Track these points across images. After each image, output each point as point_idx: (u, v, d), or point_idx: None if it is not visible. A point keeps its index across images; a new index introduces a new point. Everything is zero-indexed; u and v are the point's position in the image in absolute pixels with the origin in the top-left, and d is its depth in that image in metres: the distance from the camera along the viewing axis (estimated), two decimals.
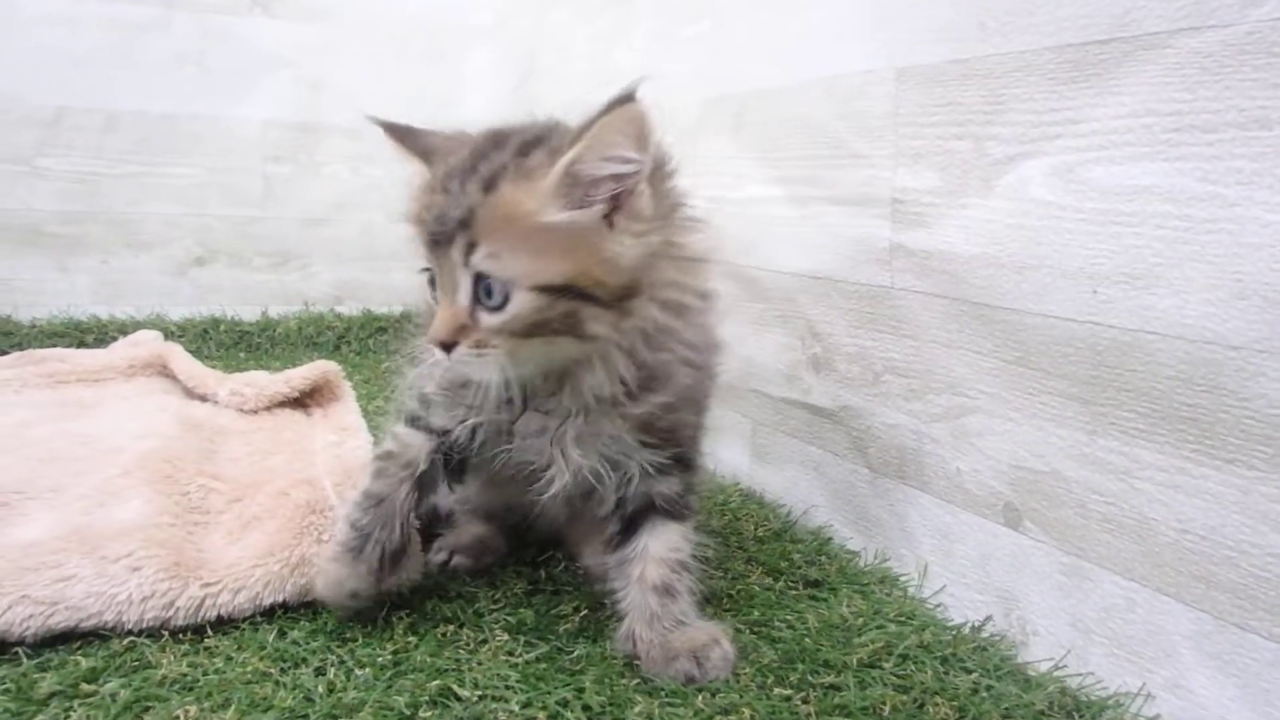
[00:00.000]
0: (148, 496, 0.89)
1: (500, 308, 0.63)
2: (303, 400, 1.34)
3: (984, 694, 0.68)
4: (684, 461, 0.75)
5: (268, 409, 1.28)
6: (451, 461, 0.77)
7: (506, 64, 1.95)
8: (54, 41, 1.73)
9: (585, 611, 0.79)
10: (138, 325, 1.77)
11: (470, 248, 0.63)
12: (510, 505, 0.86)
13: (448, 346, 0.65)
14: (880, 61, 0.86)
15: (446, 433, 0.75)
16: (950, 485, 0.83)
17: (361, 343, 1.90)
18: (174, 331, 1.79)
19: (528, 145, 0.67)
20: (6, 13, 1.70)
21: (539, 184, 0.63)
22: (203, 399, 1.32)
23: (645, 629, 0.71)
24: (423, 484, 0.76)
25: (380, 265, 2.00)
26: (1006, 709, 0.66)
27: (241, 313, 1.89)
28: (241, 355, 1.79)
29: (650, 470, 0.73)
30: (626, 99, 0.62)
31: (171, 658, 0.70)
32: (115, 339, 1.73)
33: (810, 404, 1.00)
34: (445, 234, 0.64)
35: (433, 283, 0.68)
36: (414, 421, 0.77)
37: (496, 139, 0.69)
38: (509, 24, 1.96)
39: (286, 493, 0.88)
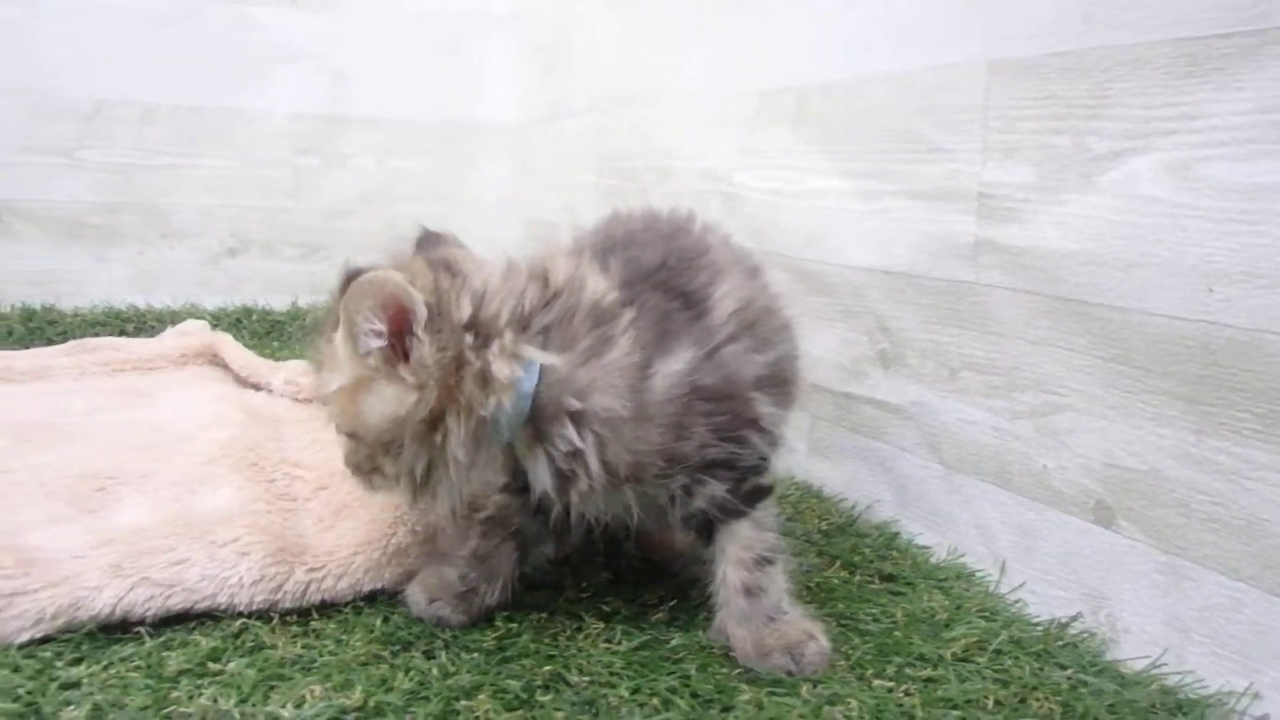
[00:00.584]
0: (238, 484, 0.90)
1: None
2: None
3: (1082, 690, 0.68)
4: (715, 465, 0.70)
5: None
6: (550, 517, 0.75)
7: (527, 55, 1.94)
8: (91, 36, 1.74)
9: (673, 602, 0.79)
10: (174, 314, 1.79)
11: (320, 398, 0.74)
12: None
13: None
14: (970, 54, 0.86)
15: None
16: (1034, 482, 0.83)
17: None
18: (209, 321, 1.79)
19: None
20: (46, 9, 1.71)
21: (331, 353, 0.70)
22: (256, 387, 1.32)
23: (737, 627, 0.71)
24: (523, 543, 0.77)
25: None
26: (1110, 705, 0.66)
27: (272, 302, 1.90)
28: (275, 344, 1.79)
29: (678, 494, 0.71)
30: (353, 276, 0.68)
31: (284, 639, 0.71)
32: (154, 327, 1.75)
33: (876, 399, 1.00)
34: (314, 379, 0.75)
35: None
36: (505, 487, 0.78)
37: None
38: (529, 14, 1.95)
39: None
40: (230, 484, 0.92)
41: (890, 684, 0.67)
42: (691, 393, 0.69)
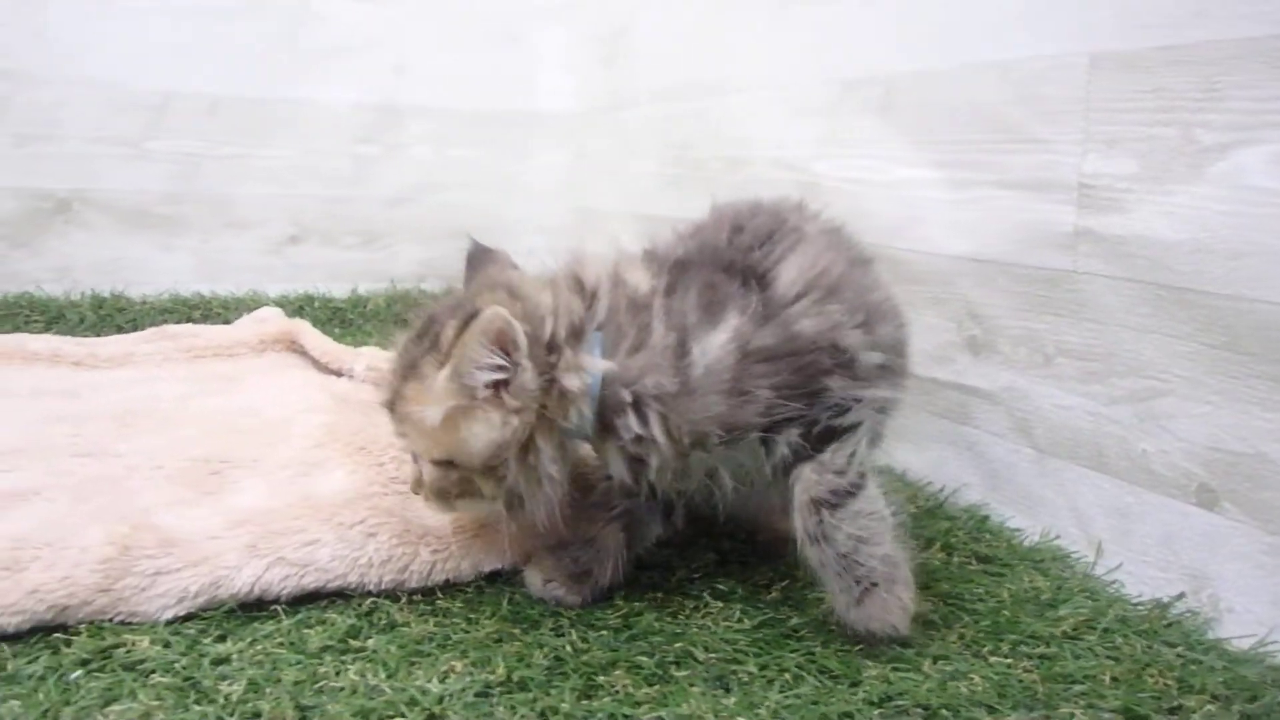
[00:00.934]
0: (349, 468, 0.94)
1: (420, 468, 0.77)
2: None
3: (1194, 666, 0.70)
4: (787, 421, 0.72)
5: None
6: (656, 500, 0.80)
7: (584, 45, 1.95)
8: (160, 31, 1.78)
9: (784, 582, 0.81)
10: (239, 302, 1.83)
11: (400, 431, 0.76)
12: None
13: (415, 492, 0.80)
14: (1071, 47, 0.87)
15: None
16: (1133, 466, 0.84)
17: None
18: (274, 308, 1.83)
19: (428, 334, 0.76)
20: (118, 4, 1.75)
21: (427, 386, 0.72)
22: (336, 374, 1.35)
23: (828, 578, 0.72)
24: (630, 526, 0.80)
25: (461, 244, 2.02)
26: (1222, 681, 0.68)
27: (332, 289, 1.93)
28: (336, 331, 1.82)
29: (760, 450, 0.73)
30: (474, 314, 0.70)
31: (414, 618, 0.74)
32: (220, 314, 1.79)
33: (964, 385, 1.02)
34: (382, 401, 0.78)
35: None
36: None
37: (428, 323, 0.77)
38: (585, 5, 1.96)
39: None
40: (341, 468, 0.95)
41: (1008, 661, 0.70)
42: (745, 357, 0.71)
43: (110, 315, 1.73)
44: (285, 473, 0.95)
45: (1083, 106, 0.86)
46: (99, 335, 1.65)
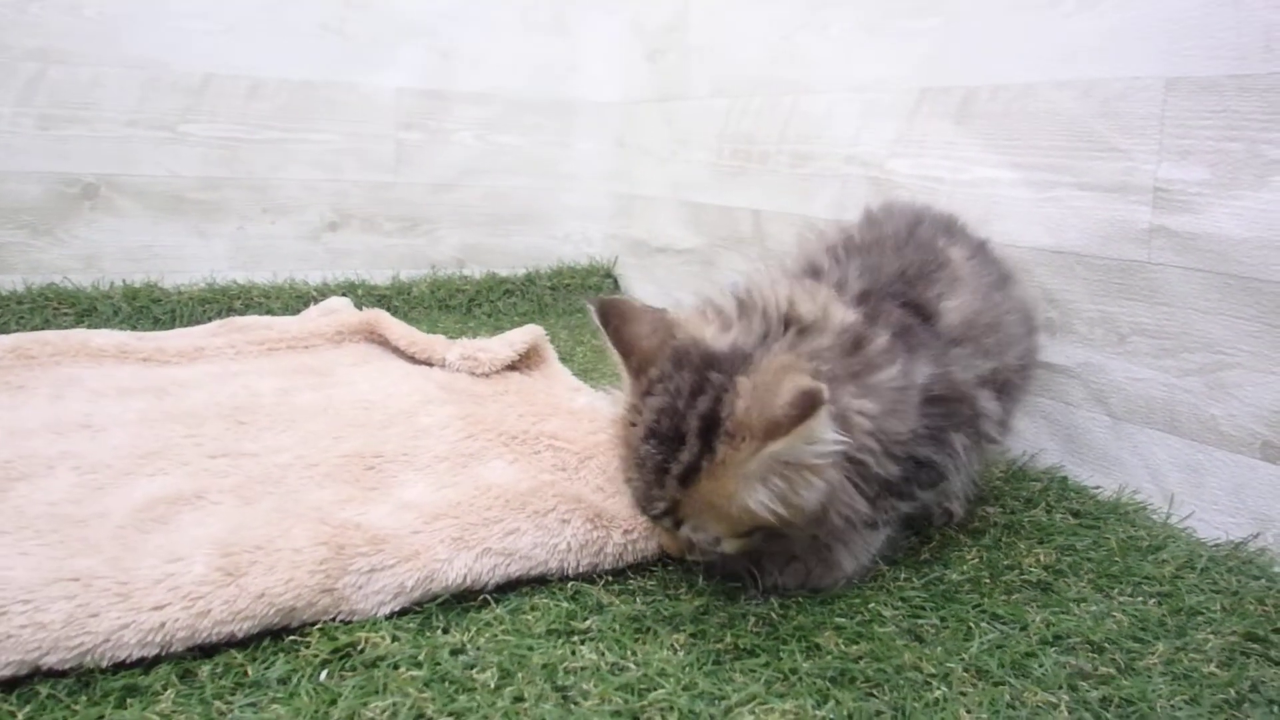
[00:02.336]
0: (509, 458, 0.98)
1: (715, 546, 0.76)
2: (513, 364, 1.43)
3: (1277, 594, 0.85)
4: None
5: (498, 372, 1.36)
6: None
7: (633, 36, 2.00)
8: (204, 9, 1.72)
9: (932, 544, 0.93)
10: (278, 290, 1.81)
11: (678, 523, 0.74)
12: None
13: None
14: (1148, 70, 1.00)
15: None
16: (1203, 428, 0.99)
17: (492, 304, 1.97)
18: (314, 295, 1.83)
19: (717, 412, 0.70)
20: None
21: (735, 469, 0.69)
22: (427, 363, 1.38)
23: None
24: None
25: (502, 229, 2.06)
26: None
27: (372, 276, 1.93)
28: None
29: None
30: (815, 402, 0.65)
31: (619, 599, 0.80)
32: (260, 304, 1.77)
33: (1040, 362, 1.16)
34: (653, 513, 0.75)
35: None
36: None
37: (695, 381, 0.72)
38: None
39: None
40: (501, 458, 0.99)
41: (1136, 600, 0.84)
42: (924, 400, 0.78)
43: (146, 307, 1.69)
44: (444, 465, 0.98)
45: (1158, 122, 0.99)
46: (134, 328, 1.62)
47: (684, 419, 0.71)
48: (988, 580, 0.86)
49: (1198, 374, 0.99)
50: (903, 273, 0.85)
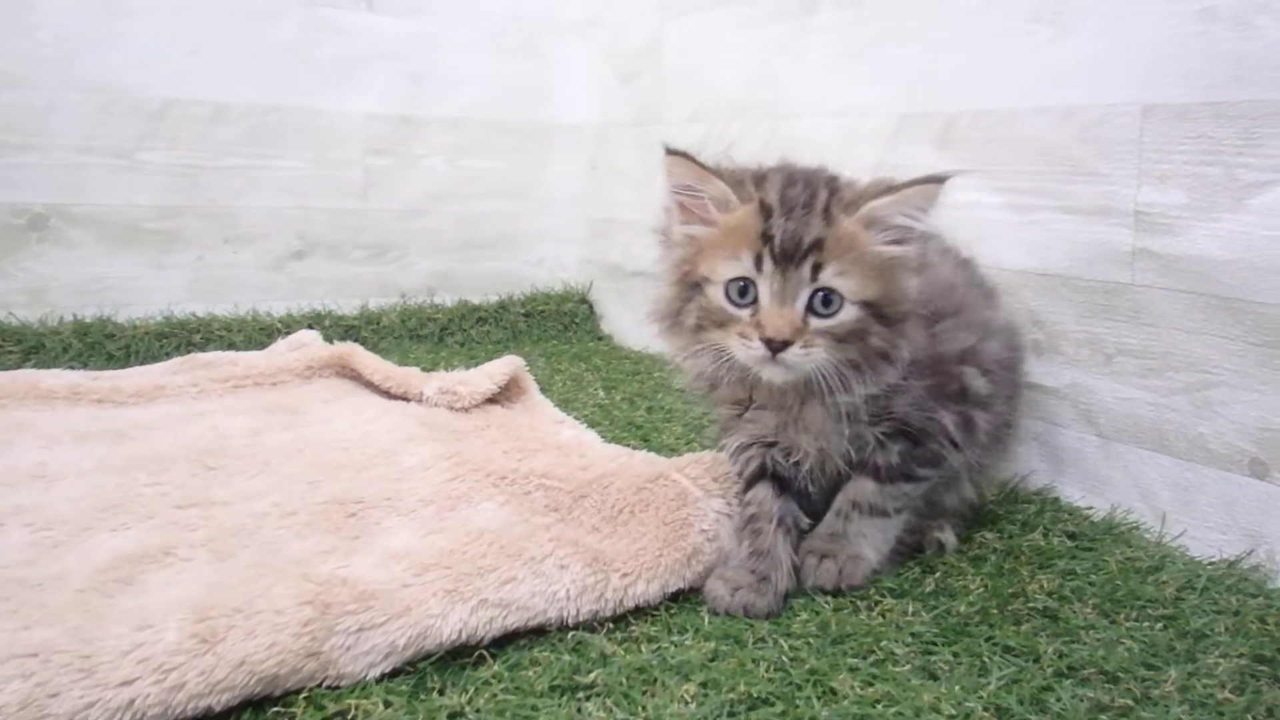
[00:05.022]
0: (499, 500, 0.95)
1: (831, 315, 0.81)
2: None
3: (1276, 612, 0.86)
4: (907, 431, 0.88)
5: (478, 406, 1.33)
6: (792, 489, 0.92)
7: (606, 61, 1.99)
8: (166, 31, 1.66)
9: (937, 574, 0.92)
10: (240, 322, 1.75)
11: (818, 267, 0.80)
12: None
13: (780, 345, 0.80)
14: (1125, 97, 1.02)
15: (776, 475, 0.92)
16: (1191, 446, 1.00)
17: (464, 333, 1.93)
18: (279, 327, 1.77)
19: (833, 183, 0.86)
20: (121, 3, 1.63)
21: (863, 219, 0.82)
22: (403, 398, 1.34)
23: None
24: (784, 523, 0.90)
25: (474, 255, 2.03)
26: None
27: (339, 305, 1.88)
28: None
29: (874, 444, 0.89)
30: (937, 179, 0.82)
31: (622, 648, 0.77)
32: (221, 337, 1.71)
33: (1028, 383, 1.16)
34: (797, 253, 0.80)
35: (742, 292, 0.81)
36: (751, 481, 0.92)
37: (803, 176, 0.87)
38: (604, 22, 2.00)
39: (645, 487, 0.95)
40: (491, 499, 0.96)
41: (1142, 625, 0.83)
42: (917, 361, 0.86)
43: (99, 343, 1.61)
44: (430, 509, 0.94)
45: (1137, 147, 1.01)
46: (86, 366, 1.56)
47: (810, 184, 0.85)
48: (995, 611, 0.86)
49: (1184, 393, 1.01)
50: None
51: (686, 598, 0.87)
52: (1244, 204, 0.93)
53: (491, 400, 1.37)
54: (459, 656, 0.75)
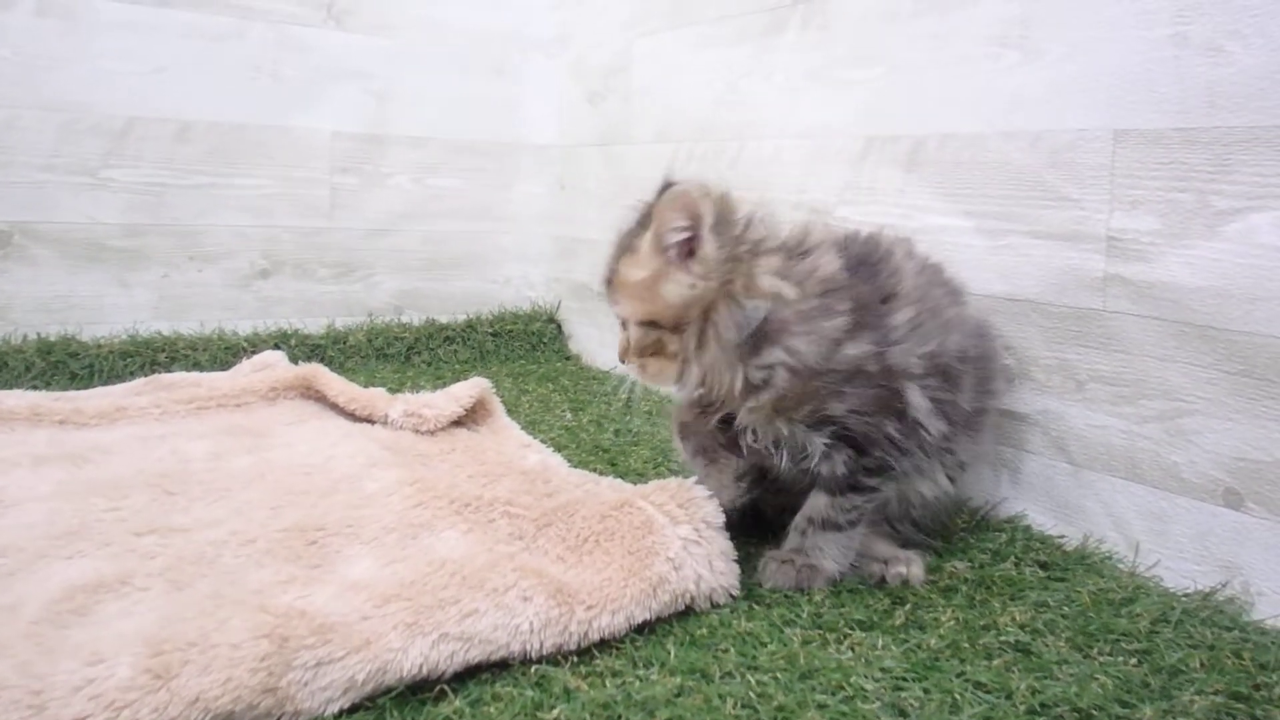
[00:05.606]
0: (462, 528, 0.92)
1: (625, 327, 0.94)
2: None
3: (1252, 646, 0.85)
4: (851, 439, 0.91)
5: (444, 429, 1.30)
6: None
7: (573, 80, 1.98)
8: (130, 49, 1.65)
9: (906, 606, 0.90)
10: (205, 341, 1.72)
11: (614, 301, 0.94)
12: None
13: (622, 360, 0.95)
14: (1096, 122, 1.01)
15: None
16: (1165, 475, 0.99)
17: (431, 352, 1.90)
18: (244, 345, 1.74)
19: (643, 219, 0.93)
20: (84, 19, 1.61)
21: (636, 255, 0.91)
22: (368, 420, 1.32)
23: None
24: (741, 472, 0.99)
25: (441, 274, 2.01)
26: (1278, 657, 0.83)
27: (306, 325, 1.85)
28: None
29: (818, 452, 0.91)
30: (669, 185, 0.92)
31: (586, 682, 0.74)
32: (187, 356, 1.68)
33: (999, 409, 1.15)
34: (607, 289, 0.95)
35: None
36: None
37: (645, 213, 0.94)
38: (573, 40, 1.99)
39: (610, 515, 0.92)
40: (453, 527, 0.94)
41: (1116, 659, 0.82)
42: (857, 368, 0.89)
43: (62, 361, 1.59)
44: (392, 537, 0.92)
45: (1108, 173, 1.00)
46: (49, 385, 1.53)
47: (638, 223, 0.95)
48: (966, 645, 0.83)
49: (1157, 421, 1.00)
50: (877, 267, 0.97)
51: (652, 629, 0.85)
52: (1217, 231, 0.93)
53: (458, 423, 1.34)
54: (419, 691, 0.73)
